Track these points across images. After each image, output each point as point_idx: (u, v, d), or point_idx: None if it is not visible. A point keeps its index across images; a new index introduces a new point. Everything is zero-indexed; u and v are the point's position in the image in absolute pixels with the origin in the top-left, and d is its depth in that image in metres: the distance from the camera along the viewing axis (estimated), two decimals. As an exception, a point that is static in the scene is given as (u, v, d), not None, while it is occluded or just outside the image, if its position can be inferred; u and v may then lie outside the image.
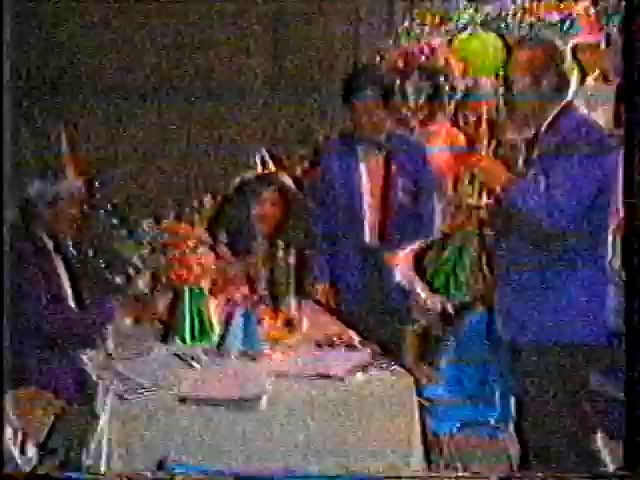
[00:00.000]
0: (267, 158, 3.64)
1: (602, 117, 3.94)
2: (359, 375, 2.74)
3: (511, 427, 3.15)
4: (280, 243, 3.13)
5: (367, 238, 3.72)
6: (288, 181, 3.77)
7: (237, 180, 3.60)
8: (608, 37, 5.82)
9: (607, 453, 2.87)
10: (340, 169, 3.74)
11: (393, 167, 3.67)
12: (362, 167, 3.71)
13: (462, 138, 5.33)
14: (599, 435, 2.91)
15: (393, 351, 3.09)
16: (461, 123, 5.25)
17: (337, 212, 3.77)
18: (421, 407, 2.74)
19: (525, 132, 2.82)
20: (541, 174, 2.65)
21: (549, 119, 2.75)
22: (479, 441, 3.39)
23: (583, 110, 2.89)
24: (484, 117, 5.48)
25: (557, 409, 2.73)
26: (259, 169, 3.63)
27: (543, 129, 2.76)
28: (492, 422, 3.25)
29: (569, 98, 2.78)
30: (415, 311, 3.90)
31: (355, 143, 3.74)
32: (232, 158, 4.84)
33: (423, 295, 3.05)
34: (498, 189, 2.76)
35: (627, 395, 2.52)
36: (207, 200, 3.46)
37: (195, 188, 3.83)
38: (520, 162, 2.81)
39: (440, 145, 5.43)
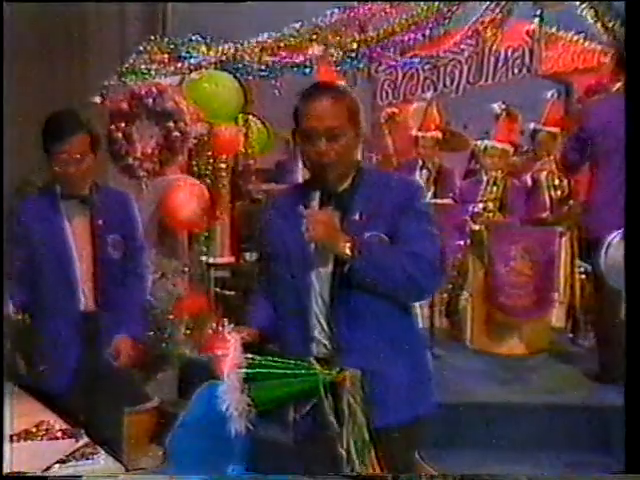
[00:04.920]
0: None
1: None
2: (57, 468, 2.33)
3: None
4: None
5: (81, 305, 3.23)
6: None
7: None
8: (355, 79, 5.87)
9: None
10: (43, 229, 3.22)
11: (100, 223, 3.23)
12: (67, 226, 3.22)
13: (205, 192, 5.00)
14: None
15: (107, 436, 2.66)
16: (195, 171, 4.95)
17: (49, 277, 3.23)
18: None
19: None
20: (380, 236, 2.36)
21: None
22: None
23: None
24: (224, 165, 5.23)
25: None
26: None
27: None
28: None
29: None
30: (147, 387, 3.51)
31: (57, 198, 3.25)
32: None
33: None
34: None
35: (627, 401, 2.48)
36: None
37: None
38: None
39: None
